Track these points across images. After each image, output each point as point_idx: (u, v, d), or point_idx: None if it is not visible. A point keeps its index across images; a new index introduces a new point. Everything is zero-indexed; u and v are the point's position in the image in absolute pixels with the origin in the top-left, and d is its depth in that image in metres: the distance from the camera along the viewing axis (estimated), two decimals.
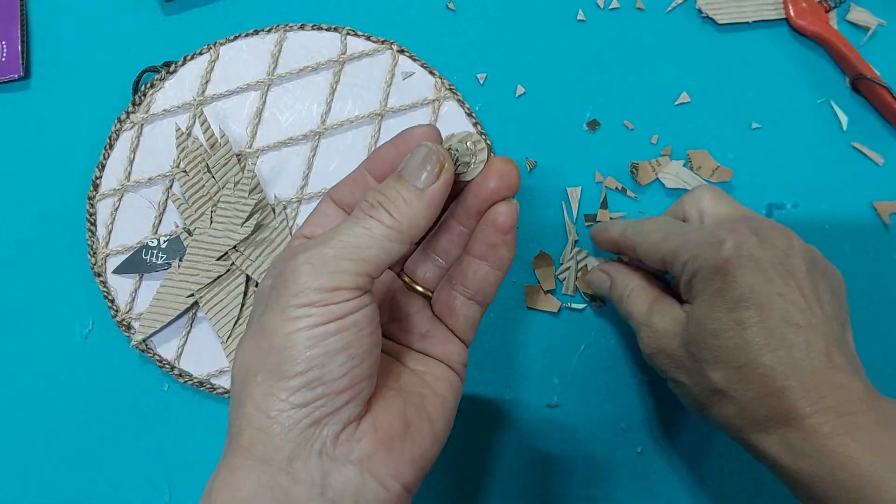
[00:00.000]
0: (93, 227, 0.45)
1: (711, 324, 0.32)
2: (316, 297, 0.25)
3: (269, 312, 0.26)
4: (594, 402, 0.44)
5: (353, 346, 0.26)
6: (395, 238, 0.27)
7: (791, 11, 0.49)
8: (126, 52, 0.48)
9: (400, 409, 0.28)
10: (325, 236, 0.27)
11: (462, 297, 0.31)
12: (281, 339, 0.25)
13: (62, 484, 0.43)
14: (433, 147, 0.28)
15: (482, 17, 0.49)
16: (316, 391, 0.25)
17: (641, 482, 0.43)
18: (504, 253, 0.30)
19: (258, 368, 0.26)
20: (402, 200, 0.27)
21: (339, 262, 0.26)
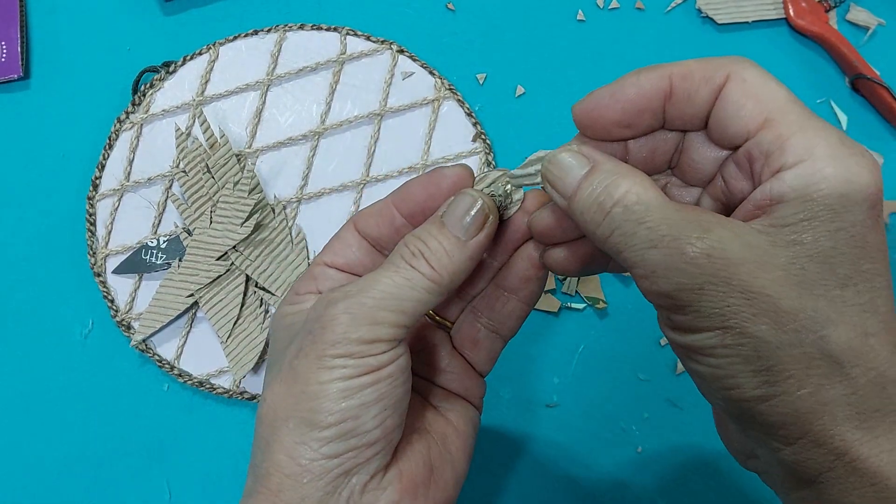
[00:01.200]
0: (92, 228, 0.45)
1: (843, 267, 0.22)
2: (354, 349, 0.25)
3: (304, 358, 0.26)
4: (594, 402, 0.44)
5: (386, 398, 0.25)
6: (435, 291, 0.26)
7: (791, 11, 0.49)
8: (126, 53, 0.48)
9: (424, 453, 0.28)
10: (364, 285, 0.26)
11: (486, 329, 0.31)
12: (315, 387, 0.25)
13: (62, 484, 0.43)
14: (477, 196, 0.27)
15: (482, 17, 0.49)
16: (349, 443, 0.25)
17: (641, 482, 0.43)
18: (535, 288, 0.30)
19: (289, 414, 0.25)
20: (444, 252, 0.27)
21: (379, 314, 0.25)
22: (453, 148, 0.46)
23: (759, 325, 0.22)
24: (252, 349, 0.43)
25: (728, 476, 0.44)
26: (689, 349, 0.23)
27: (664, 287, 0.22)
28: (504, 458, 0.43)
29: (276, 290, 0.43)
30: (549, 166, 0.26)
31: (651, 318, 0.45)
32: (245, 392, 0.43)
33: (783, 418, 0.22)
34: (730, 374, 0.22)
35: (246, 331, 0.43)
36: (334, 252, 0.30)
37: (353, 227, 0.30)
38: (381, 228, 0.29)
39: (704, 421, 0.44)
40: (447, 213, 0.27)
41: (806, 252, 0.22)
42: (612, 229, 0.23)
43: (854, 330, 0.22)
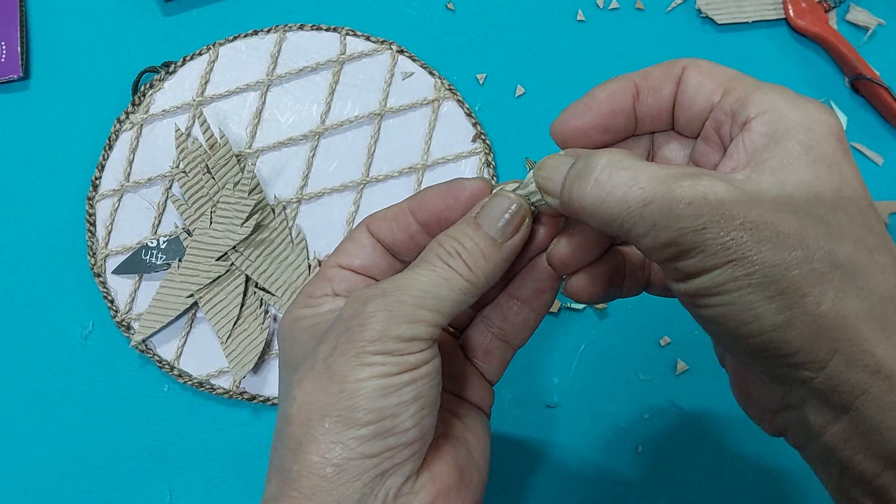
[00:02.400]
0: (92, 228, 0.45)
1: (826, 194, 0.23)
2: (393, 346, 0.25)
3: (340, 356, 0.25)
4: (594, 402, 0.44)
5: (424, 397, 0.25)
6: (470, 291, 0.26)
7: (791, 11, 0.49)
8: (125, 53, 0.48)
9: (454, 457, 0.28)
10: (402, 282, 0.26)
11: (497, 339, 0.31)
12: (352, 385, 0.25)
13: (62, 484, 0.43)
14: (515, 199, 0.27)
15: (482, 17, 0.49)
16: (386, 442, 0.25)
17: (641, 482, 0.43)
18: (548, 298, 0.30)
19: (323, 413, 0.25)
20: (481, 253, 0.27)
21: (417, 312, 0.25)
22: (453, 148, 0.46)
23: (764, 251, 0.22)
24: (252, 349, 0.43)
25: (728, 476, 0.44)
26: (700, 294, 0.23)
27: (667, 236, 0.23)
28: (504, 458, 0.43)
29: (276, 291, 0.43)
30: (539, 172, 0.27)
31: (651, 318, 0.45)
32: (245, 392, 0.43)
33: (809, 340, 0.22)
34: (746, 306, 0.22)
35: (246, 331, 0.43)
36: (348, 254, 0.29)
37: (367, 230, 0.30)
38: (395, 233, 0.29)
39: (704, 421, 0.44)
40: (482, 213, 0.27)
41: (791, 184, 0.23)
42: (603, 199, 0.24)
43: (857, 245, 0.22)
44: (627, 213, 0.23)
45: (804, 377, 0.23)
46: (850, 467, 0.23)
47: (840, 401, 0.23)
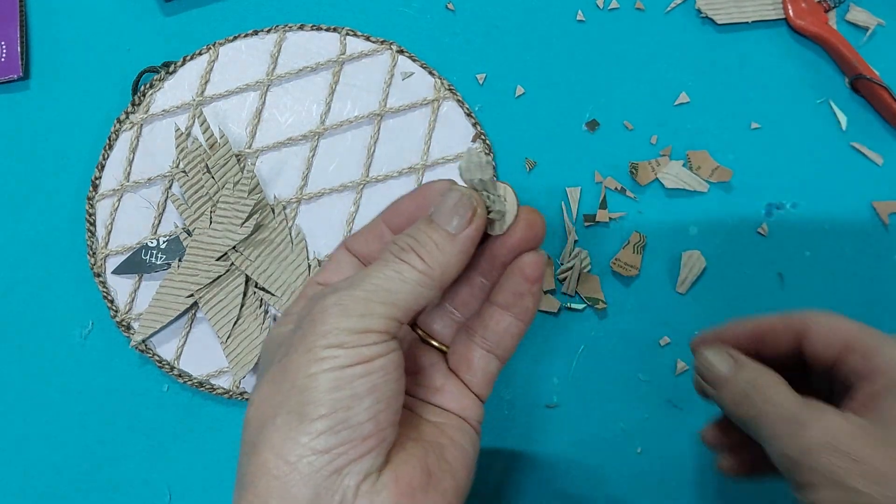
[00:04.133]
0: (92, 228, 0.45)
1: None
2: (345, 339, 0.24)
3: (293, 353, 0.25)
4: (594, 402, 0.44)
5: (379, 390, 0.25)
6: (427, 283, 0.26)
7: (790, 11, 0.49)
8: (125, 53, 0.48)
9: (421, 458, 0.27)
10: (354, 279, 0.26)
11: (481, 349, 0.30)
12: (304, 380, 0.24)
13: (62, 484, 0.43)
14: (465, 192, 0.27)
15: (482, 17, 0.49)
16: (340, 436, 0.24)
17: (641, 482, 0.43)
18: (529, 304, 0.29)
19: (276, 410, 0.24)
20: (434, 245, 0.27)
21: (370, 305, 0.25)
22: (453, 148, 0.46)
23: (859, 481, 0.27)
24: (252, 349, 0.43)
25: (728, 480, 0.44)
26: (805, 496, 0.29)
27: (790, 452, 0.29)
28: (504, 458, 0.43)
29: (276, 291, 0.43)
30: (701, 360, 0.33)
31: (651, 318, 0.45)
32: (245, 392, 0.43)
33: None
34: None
35: (246, 331, 0.43)
36: (327, 271, 0.30)
37: (345, 248, 0.30)
38: (370, 245, 0.30)
39: (704, 421, 0.44)
40: (435, 210, 0.28)
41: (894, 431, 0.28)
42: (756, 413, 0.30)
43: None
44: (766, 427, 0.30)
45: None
46: None
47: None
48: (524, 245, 0.29)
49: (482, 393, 0.31)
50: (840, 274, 0.45)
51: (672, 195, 0.46)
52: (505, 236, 0.29)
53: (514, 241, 0.29)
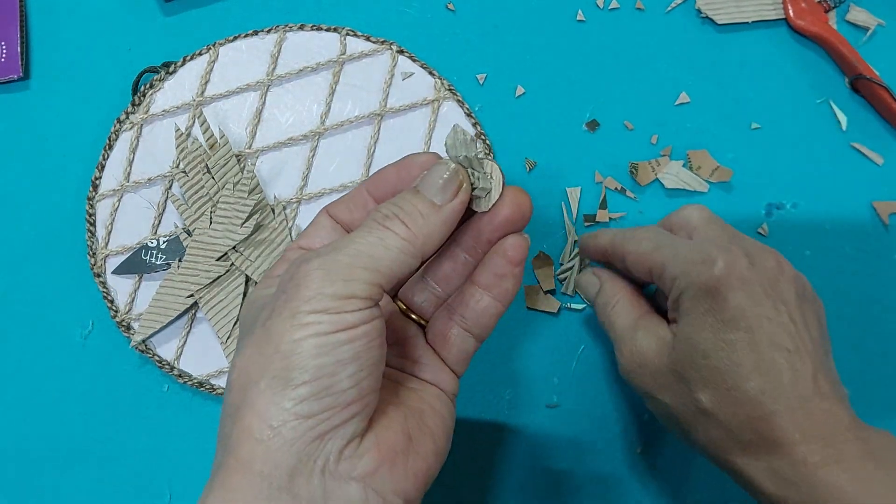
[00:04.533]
0: (92, 228, 0.45)
1: (701, 344, 0.32)
2: (329, 304, 0.24)
3: (276, 317, 0.25)
4: (594, 402, 0.44)
5: (362, 357, 0.25)
6: (409, 251, 0.26)
7: (790, 11, 0.49)
8: (126, 53, 0.48)
9: (401, 423, 0.27)
10: (338, 244, 0.26)
11: (459, 327, 0.31)
12: (288, 345, 0.24)
13: (62, 485, 0.43)
14: (452, 165, 0.28)
15: (482, 17, 0.49)
16: (323, 402, 0.24)
17: (641, 482, 0.43)
18: (510, 286, 0.30)
19: (260, 375, 0.24)
20: (419, 214, 0.27)
21: (353, 271, 0.25)
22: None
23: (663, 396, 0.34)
24: None
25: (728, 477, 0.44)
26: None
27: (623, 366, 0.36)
28: (504, 458, 0.43)
29: None
30: (580, 280, 0.42)
31: None
32: None
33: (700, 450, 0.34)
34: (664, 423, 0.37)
35: None
36: (308, 236, 0.30)
37: (326, 213, 0.31)
38: (353, 213, 0.30)
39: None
40: (421, 181, 0.28)
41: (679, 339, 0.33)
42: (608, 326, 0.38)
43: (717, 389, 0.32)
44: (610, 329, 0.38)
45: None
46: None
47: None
48: (510, 224, 0.29)
49: (457, 369, 0.31)
50: (840, 274, 0.45)
51: (672, 195, 0.46)
52: (491, 214, 0.29)
53: (500, 218, 0.29)
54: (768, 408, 0.30)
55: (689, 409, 0.33)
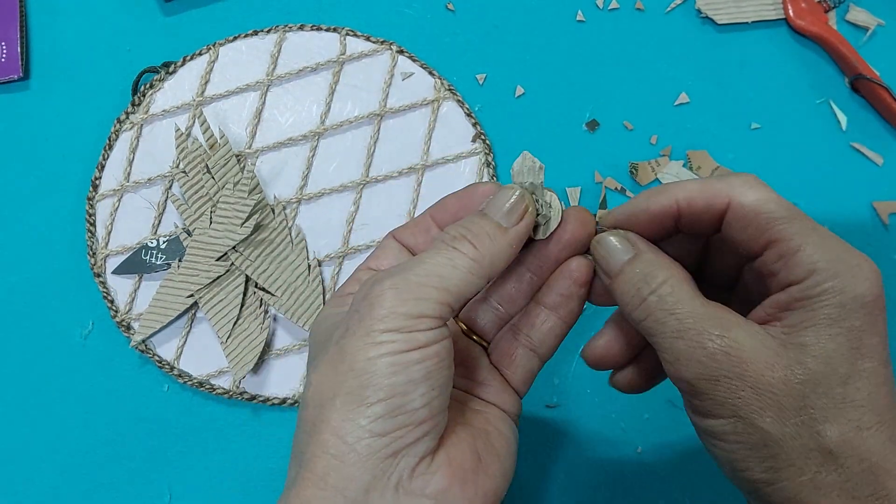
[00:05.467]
0: (92, 228, 0.45)
1: (842, 367, 0.25)
2: (402, 323, 0.25)
3: (351, 336, 0.25)
4: (594, 402, 0.44)
5: (434, 377, 0.25)
6: (477, 271, 0.27)
7: (790, 11, 0.49)
8: (126, 53, 0.48)
9: (470, 442, 0.28)
10: (408, 264, 0.27)
11: (524, 347, 0.31)
12: (362, 364, 0.25)
13: (62, 485, 0.43)
14: (518, 190, 0.29)
15: (482, 17, 0.49)
16: (397, 420, 0.25)
17: (641, 482, 0.43)
18: (575, 306, 0.31)
19: (336, 392, 0.25)
20: (486, 235, 0.27)
21: (424, 290, 0.26)
22: (453, 148, 0.46)
23: (765, 418, 0.25)
24: (252, 349, 0.43)
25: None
26: (706, 432, 0.27)
27: (685, 374, 0.26)
28: None
29: (276, 291, 0.43)
30: (597, 246, 0.30)
31: None
32: (245, 392, 0.43)
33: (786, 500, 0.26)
34: (740, 458, 0.26)
35: (246, 331, 0.43)
36: (376, 257, 0.31)
37: (392, 237, 0.31)
38: (417, 237, 0.31)
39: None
40: (488, 204, 0.29)
41: (810, 353, 0.25)
42: (646, 314, 0.27)
43: (849, 425, 0.25)
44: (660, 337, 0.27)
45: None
46: None
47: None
48: (575, 242, 0.30)
49: (521, 389, 0.32)
50: None
51: None
52: (559, 232, 0.30)
53: (568, 236, 0.30)
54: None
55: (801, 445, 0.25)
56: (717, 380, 0.25)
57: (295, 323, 0.43)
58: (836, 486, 0.25)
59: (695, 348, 0.26)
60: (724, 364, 0.25)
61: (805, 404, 0.25)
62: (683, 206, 0.28)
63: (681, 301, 0.27)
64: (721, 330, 0.26)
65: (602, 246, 0.29)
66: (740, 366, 0.25)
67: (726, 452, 0.26)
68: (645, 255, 0.28)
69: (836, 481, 0.25)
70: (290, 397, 0.43)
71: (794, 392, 0.25)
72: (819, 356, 0.25)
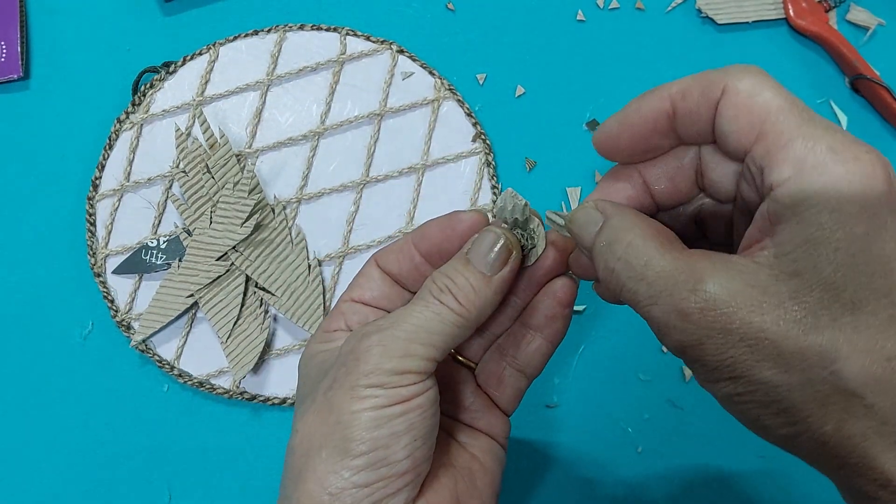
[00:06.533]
0: (92, 228, 0.45)
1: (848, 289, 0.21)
2: (385, 379, 0.26)
3: (338, 388, 0.26)
4: (594, 402, 0.44)
5: (416, 428, 0.26)
6: (463, 325, 0.27)
7: (791, 11, 0.49)
8: (126, 53, 0.48)
9: (451, 487, 0.28)
10: (396, 318, 0.27)
11: (511, 368, 0.31)
12: (347, 417, 0.26)
13: (62, 485, 0.43)
14: (500, 233, 0.28)
15: (482, 17, 0.49)
16: (379, 472, 0.25)
17: (641, 482, 0.43)
18: (560, 326, 0.31)
19: (322, 443, 0.26)
20: (471, 288, 0.27)
21: (410, 346, 0.26)
22: (453, 148, 0.46)
23: (765, 371, 0.21)
24: (252, 349, 0.43)
25: (728, 477, 0.44)
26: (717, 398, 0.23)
27: (670, 344, 0.23)
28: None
29: (276, 291, 0.43)
30: (570, 224, 0.27)
31: None
32: (245, 392, 0.43)
33: (815, 453, 0.22)
34: (755, 417, 0.22)
35: (246, 331, 0.43)
36: (360, 287, 0.31)
37: (375, 264, 0.31)
38: (401, 265, 0.30)
39: (705, 421, 0.44)
40: (472, 250, 0.28)
41: (806, 283, 0.21)
42: (620, 286, 0.24)
43: (870, 357, 0.21)
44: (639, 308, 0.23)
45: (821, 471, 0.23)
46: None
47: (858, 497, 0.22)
48: (557, 267, 0.30)
49: (509, 409, 0.32)
50: None
51: None
52: (541, 259, 0.30)
53: (550, 262, 0.30)
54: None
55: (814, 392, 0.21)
56: (701, 343, 0.22)
57: (295, 323, 0.43)
58: (871, 432, 0.21)
59: (669, 314, 0.22)
60: (703, 323, 0.21)
61: (808, 343, 0.21)
62: (678, 100, 0.25)
63: (649, 262, 0.23)
64: (693, 284, 0.22)
65: (574, 223, 0.27)
66: (721, 320, 0.21)
67: (742, 414, 0.23)
68: (610, 220, 0.25)
69: (869, 427, 0.21)
70: (290, 397, 0.43)
71: (792, 332, 0.21)
72: (819, 283, 0.21)
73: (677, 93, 0.25)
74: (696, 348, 0.22)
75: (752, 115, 0.23)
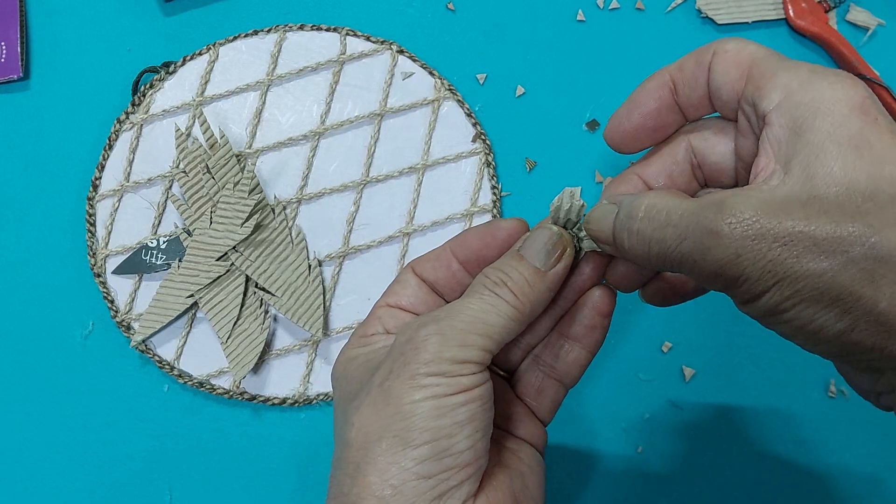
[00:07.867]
0: (92, 228, 0.45)
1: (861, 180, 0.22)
2: (446, 368, 0.25)
3: (395, 379, 0.26)
4: (594, 402, 0.44)
5: (477, 419, 0.26)
6: (517, 318, 0.27)
7: (791, 12, 0.49)
8: (125, 53, 0.48)
9: (508, 485, 0.28)
10: (453, 310, 0.27)
11: (550, 378, 0.31)
12: (408, 406, 0.25)
13: (63, 485, 0.43)
14: (555, 230, 0.28)
15: (482, 17, 0.49)
16: (443, 462, 0.25)
17: (641, 482, 0.43)
18: (599, 336, 0.30)
19: (381, 434, 0.25)
20: (526, 282, 0.27)
21: (468, 336, 0.26)
22: (453, 148, 0.46)
23: (807, 264, 0.22)
24: (252, 349, 0.43)
25: (728, 476, 0.44)
26: (765, 315, 0.23)
27: (709, 269, 0.23)
28: None
29: (276, 291, 0.43)
30: (588, 224, 0.29)
31: (652, 318, 0.45)
32: (245, 392, 0.43)
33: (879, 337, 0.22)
34: (808, 320, 0.22)
35: (246, 331, 0.43)
36: (396, 293, 0.31)
37: (412, 271, 0.31)
38: (438, 272, 0.30)
39: (705, 421, 0.44)
40: (525, 245, 0.28)
41: (821, 181, 0.22)
42: (647, 243, 0.25)
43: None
44: (672, 253, 0.24)
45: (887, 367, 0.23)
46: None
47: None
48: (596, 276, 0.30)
49: (547, 419, 0.32)
50: None
51: None
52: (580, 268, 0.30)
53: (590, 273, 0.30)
54: None
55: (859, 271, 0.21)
56: (738, 255, 0.22)
57: (295, 323, 0.43)
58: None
59: (701, 239, 0.23)
60: (736, 234, 0.22)
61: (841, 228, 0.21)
62: (676, 73, 0.28)
63: (670, 210, 0.24)
64: (717, 207, 0.23)
65: (592, 221, 0.28)
66: (754, 226, 0.22)
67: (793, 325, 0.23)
68: (623, 202, 0.27)
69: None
70: (290, 397, 0.43)
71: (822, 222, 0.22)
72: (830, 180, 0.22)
73: (675, 68, 0.28)
74: (734, 263, 0.22)
75: (740, 64, 0.26)
